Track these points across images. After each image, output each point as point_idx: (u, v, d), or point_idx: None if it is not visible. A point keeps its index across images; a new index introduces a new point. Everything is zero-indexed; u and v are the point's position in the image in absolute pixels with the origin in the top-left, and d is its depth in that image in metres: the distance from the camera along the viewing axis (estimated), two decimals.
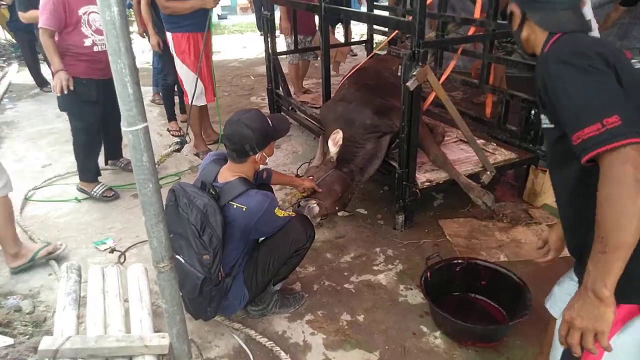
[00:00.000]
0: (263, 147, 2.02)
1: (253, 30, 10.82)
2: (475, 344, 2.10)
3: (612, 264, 1.04)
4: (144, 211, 1.42)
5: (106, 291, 1.97)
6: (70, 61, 3.16)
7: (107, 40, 1.20)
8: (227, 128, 1.99)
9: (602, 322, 1.07)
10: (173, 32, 3.78)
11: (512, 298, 2.21)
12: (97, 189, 3.47)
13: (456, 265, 2.36)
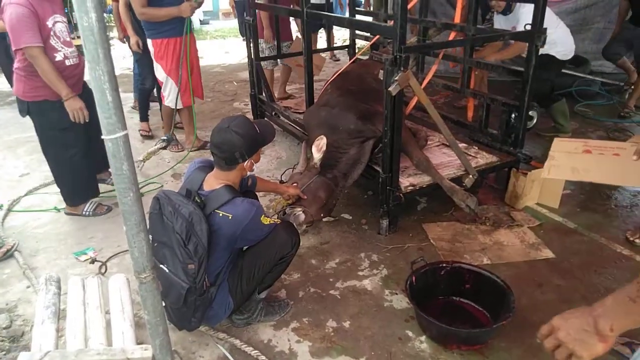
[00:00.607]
0: (252, 153, 2.01)
1: (235, 35, 10.79)
2: (460, 347, 2.11)
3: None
4: (125, 220, 1.39)
5: (87, 303, 1.93)
6: (41, 82, 2.80)
7: (85, 47, 1.17)
8: (216, 136, 1.96)
9: (585, 350, 1.01)
10: (153, 38, 3.85)
11: (495, 301, 2.22)
12: (87, 208, 3.27)
13: (441, 269, 2.37)
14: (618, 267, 2.62)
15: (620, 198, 3.36)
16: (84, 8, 1.13)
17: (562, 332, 1.04)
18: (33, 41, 2.69)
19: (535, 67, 3.08)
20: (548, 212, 3.17)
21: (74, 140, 3.06)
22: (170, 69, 3.90)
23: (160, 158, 4.26)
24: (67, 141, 3.05)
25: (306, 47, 3.55)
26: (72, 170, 3.15)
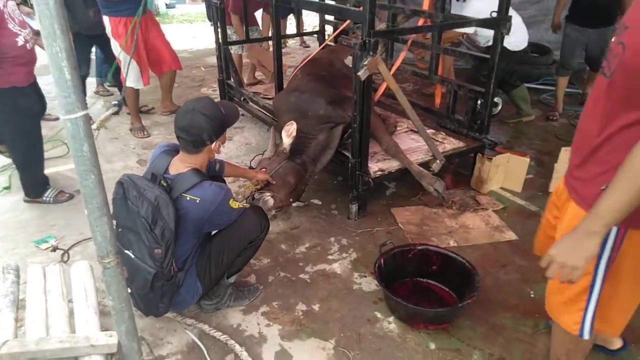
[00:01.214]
0: (219, 135, 1.98)
1: (203, 20, 10.54)
2: (427, 326, 2.16)
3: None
4: (86, 204, 1.34)
5: (48, 291, 1.86)
6: (8, 68, 2.68)
7: (40, 22, 1.12)
8: (182, 119, 1.91)
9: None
10: (110, 15, 3.84)
11: (461, 281, 2.28)
12: (48, 195, 3.17)
13: (408, 251, 2.42)
14: None
15: None
16: None
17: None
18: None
19: (501, 55, 3.14)
20: (511, 196, 3.26)
21: (35, 125, 3.00)
22: (129, 49, 3.83)
23: (124, 144, 4.15)
24: (36, 129, 3.01)
25: (275, 33, 3.50)
26: (38, 159, 3.09)
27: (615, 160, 1.22)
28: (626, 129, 1.23)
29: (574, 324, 1.47)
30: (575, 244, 1.19)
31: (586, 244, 1.18)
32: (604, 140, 1.30)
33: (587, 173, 1.36)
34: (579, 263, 1.18)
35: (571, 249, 1.19)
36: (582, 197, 1.38)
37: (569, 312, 1.48)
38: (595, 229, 1.17)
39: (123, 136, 4.29)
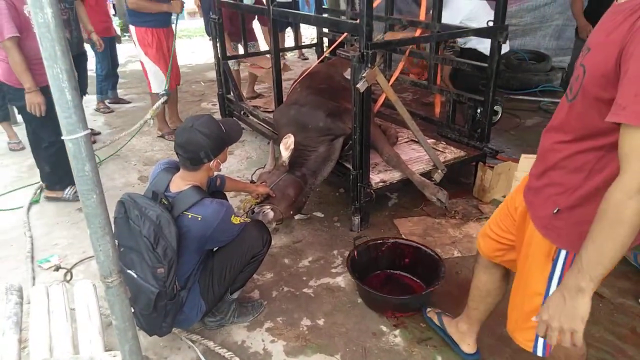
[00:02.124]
0: (218, 153, 1.96)
1: (201, 35, 10.63)
2: (395, 314, 2.27)
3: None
4: (89, 223, 1.34)
5: (51, 311, 1.86)
6: (38, 70, 2.88)
7: (42, 44, 1.13)
8: (180, 136, 1.91)
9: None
10: (137, 26, 4.08)
11: (431, 272, 2.39)
12: (68, 192, 3.39)
13: (382, 244, 2.55)
14: None
15: None
16: (38, 4, 1.08)
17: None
18: (10, 32, 2.80)
19: (498, 63, 3.15)
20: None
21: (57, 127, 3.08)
22: (156, 57, 4.14)
23: (125, 161, 4.16)
24: (51, 127, 3.12)
25: (274, 46, 3.53)
26: (52, 155, 3.25)
27: (569, 183, 1.24)
28: (581, 154, 1.22)
29: (527, 341, 1.47)
30: (566, 305, 1.14)
31: (578, 303, 1.13)
32: (560, 161, 1.29)
33: (542, 194, 1.36)
34: (577, 326, 1.13)
35: (564, 311, 1.14)
36: (536, 214, 1.38)
37: (522, 329, 1.48)
38: (583, 286, 1.12)
39: (124, 153, 4.30)
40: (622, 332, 2.16)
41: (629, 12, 1.07)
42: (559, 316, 1.14)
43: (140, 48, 4.15)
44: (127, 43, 9.91)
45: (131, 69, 7.68)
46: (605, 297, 2.37)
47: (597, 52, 1.15)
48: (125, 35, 10.70)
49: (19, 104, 3.08)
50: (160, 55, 4.18)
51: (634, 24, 1.04)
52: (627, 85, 1.02)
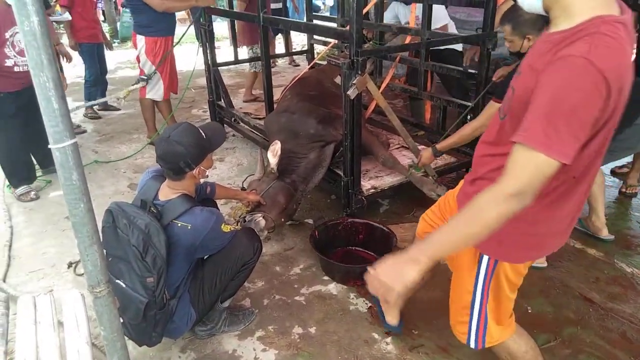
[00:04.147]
0: (199, 161, 1.92)
1: (192, 41, 10.61)
2: (357, 282, 2.50)
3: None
4: (76, 233, 1.33)
5: (38, 322, 1.83)
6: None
7: (27, 52, 1.12)
8: (159, 147, 1.88)
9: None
10: (148, 36, 4.10)
11: (384, 245, 2.65)
12: (18, 190, 3.55)
13: (338, 224, 2.81)
14: (572, 260, 2.72)
15: None
16: (24, 12, 1.07)
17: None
18: None
19: (487, 69, 3.18)
20: None
21: (14, 128, 3.42)
22: (161, 66, 4.18)
23: (115, 168, 4.12)
24: (9, 127, 3.40)
25: (264, 53, 3.53)
26: (9, 154, 3.49)
27: None
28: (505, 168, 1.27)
29: (461, 334, 1.62)
30: (398, 268, 1.19)
31: (407, 270, 1.17)
32: (488, 173, 1.38)
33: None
34: (397, 287, 1.17)
35: (393, 271, 1.19)
36: None
37: (458, 322, 1.63)
38: (420, 259, 1.17)
39: (114, 160, 4.26)
40: (613, 337, 2.17)
41: (554, 44, 1.12)
42: (387, 274, 1.19)
43: (145, 57, 4.15)
44: (116, 49, 9.87)
45: (121, 75, 7.65)
46: (596, 302, 2.38)
47: (525, 76, 1.22)
48: (115, 41, 10.69)
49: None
50: (165, 62, 4.21)
51: (553, 56, 1.09)
52: (530, 112, 1.09)
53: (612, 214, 3.22)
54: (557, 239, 1.42)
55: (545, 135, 1.05)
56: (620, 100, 1.11)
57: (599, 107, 1.05)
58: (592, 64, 1.02)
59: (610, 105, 1.08)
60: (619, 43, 1.05)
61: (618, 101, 1.10)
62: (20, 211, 3.39)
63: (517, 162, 1.09)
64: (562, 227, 1.38)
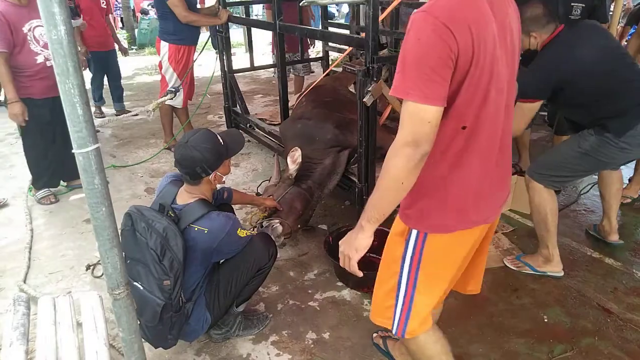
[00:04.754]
0: (216, 167, 1.96)
1: (208, 48, 10.75)
2: (370, 288, 2.36)
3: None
4: (97, 236, 1.36)
5: (58, 323, 1.87)
6: (25, 82, 3.18)
7: (54, 60, 1.16)
8: (176, 152, 1.93)
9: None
10: (172, 43, 4.18)
11: None
12: (39, 193, 3.59)
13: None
14: (589, 269, 2.68)
15: (589, 204, 3.46)
16: (52, 21, 1.11)
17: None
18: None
19: None
20: (521, 218, 3.24)
21: (45, 135, 3.44)
22: (182, 73, 4.27)
23: (132, 172, 4.19)
24: (42, 134, 3.43)
25: (280, 60, 3.56)
26: (38, 158, 3.53)
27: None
28: None
29: (387, 319, 1.57)
30: (351, 237, 1.38)
31: (357, 237, 1.36)
32: None
33: None
34: (350, 252, 1.38)
35: (348, 240, 1.39)
36: None
37: (383, 307, 1.58)
38: (363, 224, 1.34)
39: (131, 164, 4.33)
40: (631, 349, 2.14)
41: None
42: (345, 243, 1.41)
43: (168, 63, 4.24)
44: (134, 56, 10.05)
45: (138, 81, 7.77)
46: (614, 312, 2.34)
47: None
48: (133, 48, 10.87)
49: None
50: (186, 70, 4.31)
51: None
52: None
53: (630, 223, 3.17)
54: (477, 202, 1.38)
55: (402, 84, 1.18)
56: (484, 47, 1.19)
57: (444, 50, 1.14)
58: (429, 14, 1.15)
59: (464, 49, 1.16)
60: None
61: (479, 47, 1.18)
62: (40, 214, 3.46)
63: (401, 114, 1.22)
64: (476, 187, 1.36)
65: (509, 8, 1.33)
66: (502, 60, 1.27)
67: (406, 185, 1.25)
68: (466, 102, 1.24)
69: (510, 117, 1.41)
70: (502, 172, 1.44)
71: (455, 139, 1.29)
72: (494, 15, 1.23)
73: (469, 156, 1.31)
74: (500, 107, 1.31)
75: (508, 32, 1.30)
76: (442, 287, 1.53)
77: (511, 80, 1.36)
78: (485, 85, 1.23)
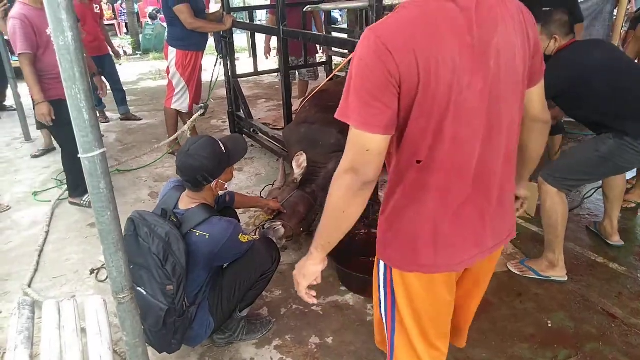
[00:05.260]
0: (217, 175, 1.96)
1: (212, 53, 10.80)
2: None
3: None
4: (102, 240, 1.37)
5: (62, 327, 1.87)
6: (51, 84, 3.18)
7: (61, 65, 1.17)
8: (178, 160, 1.94)
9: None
10: (180, 49, 4.23)
11: None
12: (85, 199, 3.55)
13: (355, 235, 2.77)
14: (593, 274, 2.68)
15: (592, 208, 3.45)
16: (59, 27, 1.13)
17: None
18: (24, 48, 3.06)
19: None
20: (524, 223, 3.23)
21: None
22: (189, 78, 4.33)
23: (136, 177, 4.21)
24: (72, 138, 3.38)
25: (283, 65, 3.58)
26: (71, 163, 3.46)
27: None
28: None
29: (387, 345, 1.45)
30: (301, 264, 1.34)
31: (306, 264, 1.31)
32: None
33: None
34: (299, 278, 1.33)
35: (298, 266, 1.34)
36: None
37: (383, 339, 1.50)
38: (312, 251, 1.29)
39: (135, 169, 4.35)
40: (636, 354, 2.12)
41: None
42: (296, 269, 1.35)
43: (175, 69, 4.29)
44: (137, 61, 10.11)
45: (143, 86, 7.81)
46: (619, 317, 2.33)
47: None
48: (137, 53, 10.94)
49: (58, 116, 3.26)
50: (193, 75, 4.36)
51: None
52: None
53: (634, 227, 3.16)
54: (434, 246, 1.21)
55: (344, 107, 1.09)
56: (435, 74, 1.02)
57: (383, 74, 1.02)
58: (373, 32, 1.04)
59: (406, 74, 1.01)
60: (417, 14, 1.04)
61: (428, 73, 1.02)
62: (45, 219, 3.47)
63: (348, 140, 1.12)
64: (432, 229, 1.19)
65: (501, 25, 1.09)
66: (474, 89, 1.07)
67: (348, 213, 1.17)
68: (418, 133, 1.09)
69: (509, 158, 1.22)
70: (482, 219, 1.22)
71: (408, 172, 1.17)
72: (470, 36, 1.04)
73: (425, 193, 1.17)
74: (469, 143, 1.12)
75: (493, 54, 1.08)
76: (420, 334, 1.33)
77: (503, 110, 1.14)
78: (438, 117, 1.06)
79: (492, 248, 1.29)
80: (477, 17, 1.06)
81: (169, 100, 4.44)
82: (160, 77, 8.10)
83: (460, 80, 1.05)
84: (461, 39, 1.04)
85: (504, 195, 1.26)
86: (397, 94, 1.04)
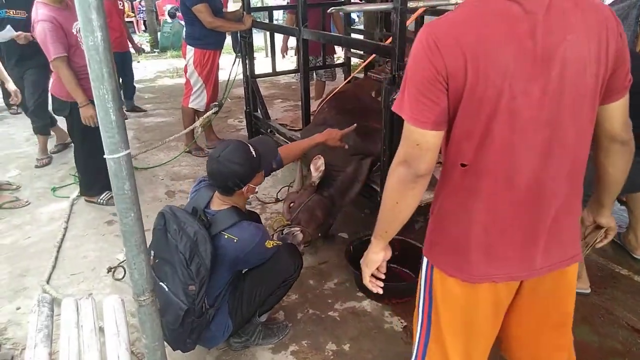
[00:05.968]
0: (249, 180, 1.94)
1: (229, 52, 10.84)
2: (392, 300, 2.48)
3: None
4: (125, 241, 1.35)
5: (81, 325, 1.87)
6: (87, 84, 3.08)
7: (90, 65, 1.16)
8: (209, 165, 1.93)
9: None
10: (198, 48, 4.24)
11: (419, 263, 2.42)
12: (102, 197, 3.58)
13: None
14: (617, 287, 2.61)
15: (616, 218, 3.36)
16: (89, 27, 1.11)
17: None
18: (58, 51, 2.99)
19: None
20: None
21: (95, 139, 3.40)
22: (207, 77, 4.34)
23: (152, 175, 4.22)
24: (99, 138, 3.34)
25: (303, 66, 3.56)
26: (96, 163, 3.34)
27: None
28: None
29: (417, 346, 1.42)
30: (365, 253, 1.38)
31: (368, 252, 1.36)
32: None
33: None
34: (363, 267, 1.39)
35: (364, 257, 1.39)
36: None
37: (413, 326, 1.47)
38: (373, 240, 1.34)
39: (152, 167, 4.36)
40: None
41: None
42: (362, 260, 1.40)
43: (193, 67, 4.29)
44: (155, 59, 10.17)
45: (160, 84, 7.86)
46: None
47: None
48: (155, 51, 11.01)
49: (64, 114, 3.33)
50: (211, 74, 4.37)
51: None
52: None
53: None
54: (485, 254, 1.18)
55: (399, 100, 1.12)
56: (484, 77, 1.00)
57: (430, 71, 1.04)
58: (426, 29, 1.06)
59: (454, 74, 1.01)
60: (474, 13, 1.04)
61: (476, 75, 1.00)
62: (63, 215, 3.49)
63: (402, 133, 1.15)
64: (480, 236, 1.17)
65: (572, 34, 1.01)
66: (530, 97, 1.02)
67: (402, 206, 1.18)
68: (463, 134, 1.09)
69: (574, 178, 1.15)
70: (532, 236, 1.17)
71: (453, 174, 1.16)
72: (532, 41, 1.00)
73: (469, 198, 1.15)
74: (523, 153, 1.08)
75: (557, 64, 1.01)
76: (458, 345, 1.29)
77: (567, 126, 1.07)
78: (486, 120, 1.04)
79: (542, 269, 1.21)
80: (544, 22, 1.01)
81: (187, 99, 4.45)
82: (178, 75, 8.13)
83: (513, 86, 1.01)
84: (520, 44, 1.00)
85: (563, 216, 1.18)
86: (445, 90, 1.05)
